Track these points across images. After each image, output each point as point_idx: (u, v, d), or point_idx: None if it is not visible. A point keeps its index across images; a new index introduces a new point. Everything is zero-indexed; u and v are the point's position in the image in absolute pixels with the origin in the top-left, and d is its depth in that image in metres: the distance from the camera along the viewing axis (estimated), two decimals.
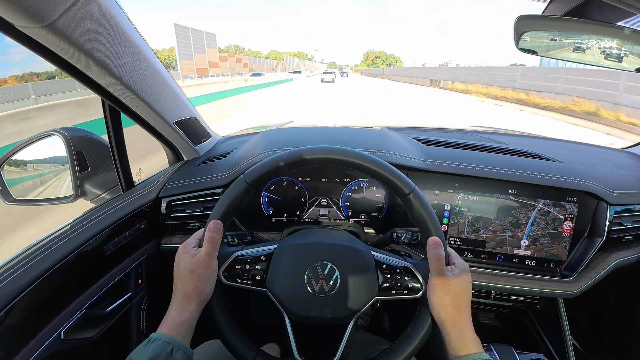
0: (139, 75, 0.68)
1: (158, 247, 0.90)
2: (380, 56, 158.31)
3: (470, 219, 0.87)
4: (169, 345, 0.47)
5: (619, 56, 0.63)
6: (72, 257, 0.64)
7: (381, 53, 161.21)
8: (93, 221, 0.72)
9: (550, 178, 0.84)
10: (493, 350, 0.86)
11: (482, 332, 0.55)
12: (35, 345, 0.56)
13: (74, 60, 0.57)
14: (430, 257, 0.54)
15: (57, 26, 0.48)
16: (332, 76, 33.48)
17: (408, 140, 0.99)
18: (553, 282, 0.86)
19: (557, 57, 0.68)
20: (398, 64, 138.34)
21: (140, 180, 0.95)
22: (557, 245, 0.87)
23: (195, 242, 0.57)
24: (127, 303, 0.79)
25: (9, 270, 0.56)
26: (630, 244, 0.91)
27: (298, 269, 0.57)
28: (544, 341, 1.04)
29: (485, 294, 0.97)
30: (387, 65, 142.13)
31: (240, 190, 0.57)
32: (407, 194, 0.57)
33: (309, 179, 0.91)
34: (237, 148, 1.04)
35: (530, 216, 0.85)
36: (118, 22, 0.59)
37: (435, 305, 0.53)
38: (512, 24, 0.65)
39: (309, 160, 0.59)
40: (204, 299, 0.54)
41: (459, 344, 0.51)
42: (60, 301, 0.63)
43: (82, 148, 0.84)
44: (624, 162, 1.06)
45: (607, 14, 0.58)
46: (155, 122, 0.84)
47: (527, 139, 1.27)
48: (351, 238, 0.64)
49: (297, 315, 0.57)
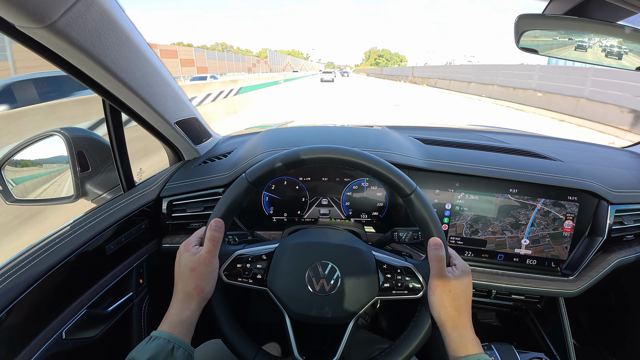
0: (139, 75, 0.68)
1: (159, 246, 0.91)
2: (384, 54, 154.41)
3: (471, 219, 0.87)
4: (169, 343, 0.47)
5: (620, 55, 0.63)
6: (73, 257, 0.64)
7: (385, 51, 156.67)
8: (94, 221, 0.73)
9: (551, 177, 0.84)
10: (494, 350, 0.86)
11: (482, 332, 0.55)
12: (36, 345, 0.56)
13: (75, 60, 0.57)
14: (431, 257, 0.54)
15: (57, 26, 0.48)
16: (332, 76, 33.35)
17: (409, 139, 0.99)
18: (554, 282, 0.86)
19: (558, 56, 0.68)
20: (403, 63, 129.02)
21: (141, 180, 0.95)
22: (557, 246, 0.87)
23: (197, 240, 0.57)
24: (128, 303, 0.79)
25: (10, 270, 0.56)
26: (631, 243, 0.91)
27: (299, 268, 0.57)
28: (544, 340, 1.04)
29: (486, 293, 0.97)
30: (393, 64, 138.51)
31: (242, 189, 0.58)
32: (409, 194, 0.57)
33: (310, 179, 0.91)
34: (238, 148, 1.04)
35: (530, 216, 0.85)
36: (118, 22, 0.59)
37: (436, 306, 0.53)
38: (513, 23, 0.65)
39: (311, 159, 0.59)
40: (204, 297, 0.54)
41: (459, 345, 0.51)
42: (62, 301, 0.63)
43: (82, 148, 0.84)
44: (624, 161, 1.06)
45: (608, 12, 0.58)
46: (156, 122, 0.84)
47: (528, 138, 1.27)
48: (352, 237, 0.64)
49: (298, 315, 0.57)
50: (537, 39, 0.67)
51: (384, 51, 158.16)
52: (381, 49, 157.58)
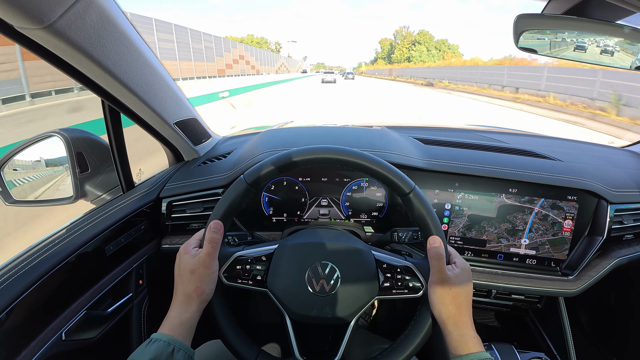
0: (138, 76, 0.68)
1: (159, 247, 0.90)
2: (423, 41, 72.09)
3: (471, 218, 0.87)
4: (170, 345, 0.47)
5: (619, 54, 0.63)
6: (72, 258, 0.64)
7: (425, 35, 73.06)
8: (93, 222, 0.72)
9: (551, 177, 0.84)
10: (494, 350, 0.86)
11: (482, 332, 0.55)
12: (36, 346, 0.56)
13: (74, 61, 0.57)
14: (430, 256, 0.54)
15: (56, 27, 0.48)
16: (334, 76, 33.13)
17: (408, 139, 0.99)
18: (554, 281, 0.86)
19: (557, 55, 0.68)
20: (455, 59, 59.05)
21: (141, 181, 0.95)
22: (557, 253, 0.87)
23: (196, 242, 0.57)
24: (128, 304, 0.79)
25: (9, 272, 0.56)
26: (630, 243, 0.91)
27: (299, 269, 0.57)
28: (545, 340, 1.04)
29: (486, 293, 0.97)
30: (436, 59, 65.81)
31: (241, 191, 0.58)
32: (407, 193, 0.57)
33: (309, 179, 0.91)
34: (237, 148, 1.04)
35: (528, 221, 0.86)
36: (117, 23, 0.59)
37: (436, 304, 0.53)
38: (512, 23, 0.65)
39: (309, 160, 0.59)
40: (204, 299, 0.54)
41: (460, 343, 0.51)
42: (61, 302, 0.63)
43: (82, 149, 0.84)
44: (624, 161, 1.06)
45: (607, 12, 0.58)
46: (155, 123, 0.84)
47: (527, 137, 1.27)
48: (352, 238, 0.64)
49: (298, 315, 0.57)
50: (537, 39, 0.67)
51: (424, 34, 73.32)
52: (417, 32, 74.22)
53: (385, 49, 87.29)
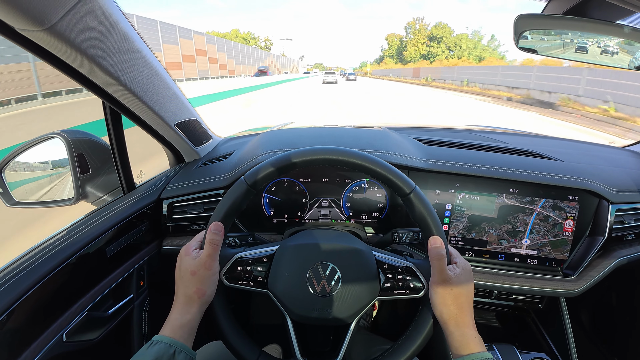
0: (139, 78, 0.69)
1: (159, 248, 0.91)
2: (443, 35, 56.40)
3: (472, 219, 0.87)
4: (171, 347, 0.47)
5: (619, 54, 0.63)
6: (73, 259, 0.64)
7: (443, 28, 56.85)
8: (94, 223, 0.73)
9: (552, 177, 0.84)
10: (495, 350, 0.86)
11: (484, 332, 0.55)
12: (37, 348, 0.56)
13: (75, 63, 0.57)
14: (431, 256, 0.54)
15: (57, 29, 0.48)
16: (335, 77, 33.06)
17: (409, 140, 0.99)
18: (555, 282, 0.86)
19: (558, 56, 0.68)
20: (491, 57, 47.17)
21: (142, 182, 0.95)
22: (559, 255, 0.87)
23: (197, 244, 0.57)
24: (129, 305, 0.79)
25: (11, 273, 0.56)
26: (632, 243, 0.91)
27: (299, 270, 0.57)
28: (546, 340, 1.04)
29: (487, 293, 0.97)
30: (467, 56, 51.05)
31: (241, 192, 0.58)
32: (408, 193, 0.57)
33: (310, 180, 0.91)
34: (238, 149, 1.04)
35: (528, 222, 0.85)
36: (118, 24, 0.59)
37: (437, 305, 0.53)
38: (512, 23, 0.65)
39: (310, 160, 0.59)
40: (205, 300, 0.54)
41: (461, 343, 0.51)
42: (62, 303, 0.63)
43: (83, 150, 0.84)
44: (624, 161, 1.06)
45: (607, 12, 0.58)
46: (156, 124, 0.84)
47: (528, 138, 1.27)
48: (352, 238, 0.64)
49: (299, 316, 0.57)
50: (537, 39, 0.67)
51: (442, 27, 57.28)
52: (434, 25, 58.76)
53: (393, 46, 73.27)
